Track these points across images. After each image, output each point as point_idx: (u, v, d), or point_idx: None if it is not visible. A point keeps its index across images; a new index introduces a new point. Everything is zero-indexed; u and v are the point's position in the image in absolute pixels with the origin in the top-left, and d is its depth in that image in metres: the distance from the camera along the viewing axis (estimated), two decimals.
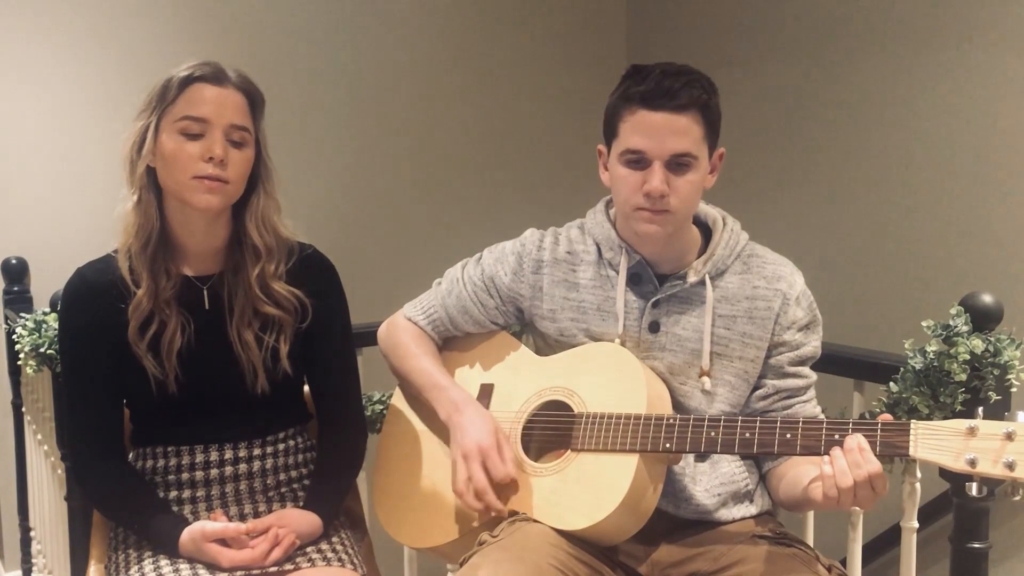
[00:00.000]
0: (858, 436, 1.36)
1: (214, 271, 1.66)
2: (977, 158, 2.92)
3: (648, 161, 1.53)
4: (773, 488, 1.64)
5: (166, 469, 1.65)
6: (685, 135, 1.52)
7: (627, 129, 1.54)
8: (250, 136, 1.60)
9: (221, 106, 1.56)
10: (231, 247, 1.67)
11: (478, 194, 3.84)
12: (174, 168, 1.55)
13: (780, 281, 1.62)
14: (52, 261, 2.93)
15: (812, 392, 1.66)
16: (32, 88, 3.02)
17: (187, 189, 1.55)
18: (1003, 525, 2.75)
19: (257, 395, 1.64)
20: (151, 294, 1.59)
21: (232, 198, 1.60)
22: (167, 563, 1.56)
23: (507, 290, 1.74)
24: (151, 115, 1.57)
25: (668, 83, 1.51)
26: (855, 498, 1.34)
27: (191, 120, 1.55)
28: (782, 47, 3.50)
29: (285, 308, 1.65)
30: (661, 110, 1.51)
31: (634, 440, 1.50)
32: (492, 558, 1.45)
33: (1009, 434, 1.25)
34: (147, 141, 1.57)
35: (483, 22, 3.83)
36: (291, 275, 1.67)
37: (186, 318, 1.62)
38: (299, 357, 1.69)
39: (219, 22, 3.28)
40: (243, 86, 1.60)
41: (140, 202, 1.59)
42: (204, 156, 1.54)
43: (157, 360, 1.60)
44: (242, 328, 1.63)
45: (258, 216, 1.64)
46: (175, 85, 1.56)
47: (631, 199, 1.56)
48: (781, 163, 3.54)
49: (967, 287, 1.83)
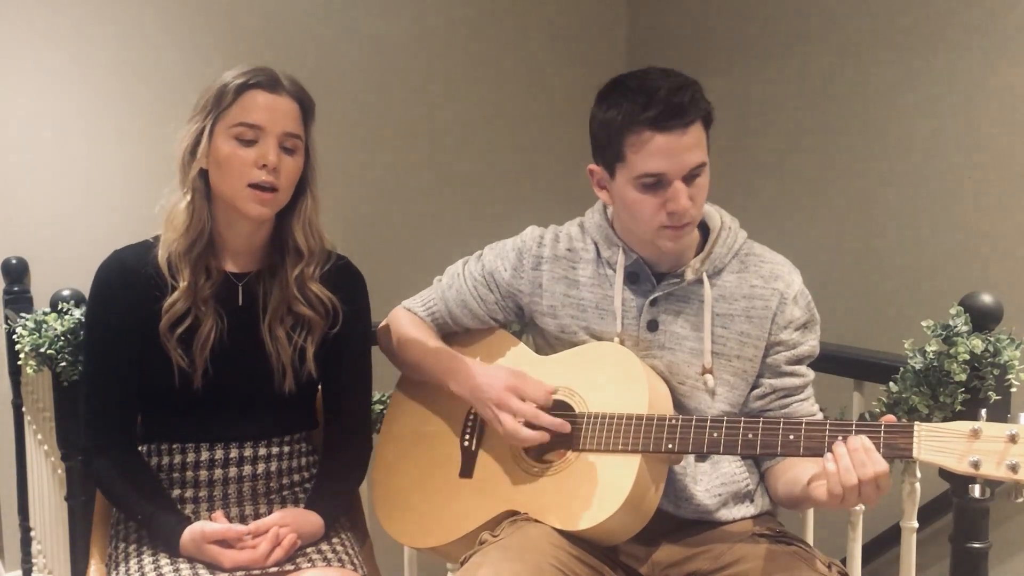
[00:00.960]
0: (862, 437, 1.36)
1: (251, 268, 1.68)
2: (977, 158, 2.92)
3: (668, 182, 1.51)
4: (772, 486, 1.64)
5: (171, 466, 1.66)
6: (698, 147, 1.52)
7: (640, 154, 1.51)
8: (301, 143, 1.62)
9: (275, 113, 1.58)
10: (271, 246, 1.69)
11: (479, 194, 3.85)
12: (228, 173, 1.57)
13: (777, 280, 1.62)
14: (52, 261, 2.94)
15: (810, 390, 1.66)
16: (33, 89, 3.02)
17: (239, 197, 1.58)
18: (1003, 525, 2.76)
19: (282, 394, 1.66)
20: (190, 292, 1.60)
21: (280, 205, 1.63)
22: (167, 561, 1.57)
23: (507, 285, 1.74)
24: (206, 118, 1.59)
25: (676, 101, 1.48)
26: (859, 496, 1.34)
27: (246, 127, 1.57)
28: (782, 46, 3.50)
29: (317, 310, 1.67)
30: (674, 131, 1.49)
31: (636, 440, 1.50)
32: (493, 557, 1.45)
33: (1012, 436, 1.26)
34: (201, 144, 1.58)
35: (483, 22, 3.84)
36: (325, 281, 1.69)
37: (220, 315, 1.63)
38: (322, 360, 1.70)
39: (224, 25, 3.29)
40: (296, 94, 1.62)
41: (192, 203, 1.61)
42: (258, 163, 1.56)
43: (187, 354, 1.61)
44: (275, 325, 1.65)
45: (305, 220, 1.66)
46: (231, 91, 1.58)
47: (653, 220, 1.54)
48: (780, 162, 3.54)
49: (967, 287, 1.83)
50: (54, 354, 1.90)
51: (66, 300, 1.96)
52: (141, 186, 3.13)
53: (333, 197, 2.64)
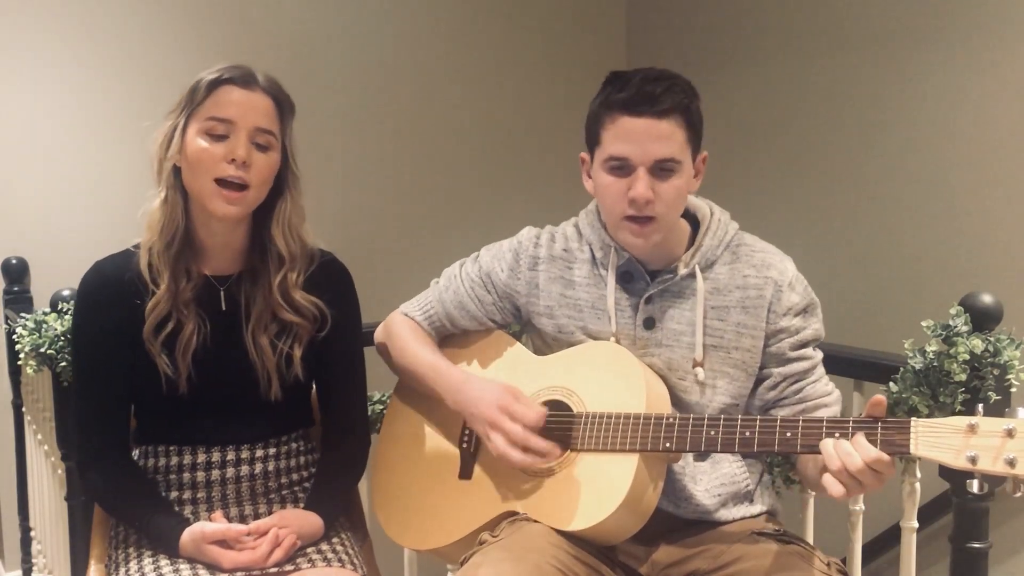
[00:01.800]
0: (858, 435, 1.35)
1: (232, 272, 1.67)
2: (977, 158, 2.92)
3: (632, 168, 1.53)
4: (803, 466, 1.61)
5: (167, 468, 1.65)
6: (668, 140, 1.52)
7: (609, 136, 1.54)
8: (276, 141, 1.61)
9: (247, 108, 1.57)
10: (251, 249, 1.67)
11: (477, 194, 3.84)
12: (197, 169, 1.56)
13: (770, 269, 1.62)
14: (52, 261, 2.94)
15: (821, 370, 1.63)
16: (33, 89, 3.02)
17: (207, 194, 1.56)
18: (1003, 525, 2.75)
19: (268, 400, 1.65)
20: (171, 294, 1.60)
21: (252, 205, 1.61)
22: (167, 562, 1.57)
23: (503, 286, 1.74)
24: (180, 115, 1.58)
25: (649, 88, 1.51)
26: (860, 485, 1.33)
27: (216, 121, 1.56)
28: (782, 46, 3.50)
29: (304, 316, 1.66)
30: (643, 116, 1.51)
31: (634, 439, 1.50)
32: (492, 557, 1.45)
33: (1009, 431, 1.25)
34: (174, 140, 1.58)
35: (482, 23, 3.83)
36: (310, 281, 1.68)
37: (202, 318, 1.62)
38: (311, 362, 1.69)
39: (221, 25, 3.28)
40: (271, 90, 1.61)
41: (166, 201, 1.60)
42: (227, 157, 1.55)
43: (171, 359, 1.60)
44: (258, 333, 1.64)
45: (284, 223, 1.64)
46: (204, 86, 1.57)
47: (616, 207, 1.56)
48: (780, 163, 3.54)
49: (967, 287, 1.83)
50: (54, 354, 1.91)
51: (66, 300, 1.96)
52: (141, 186, 3.11)
53: (328, 198, 2.64)
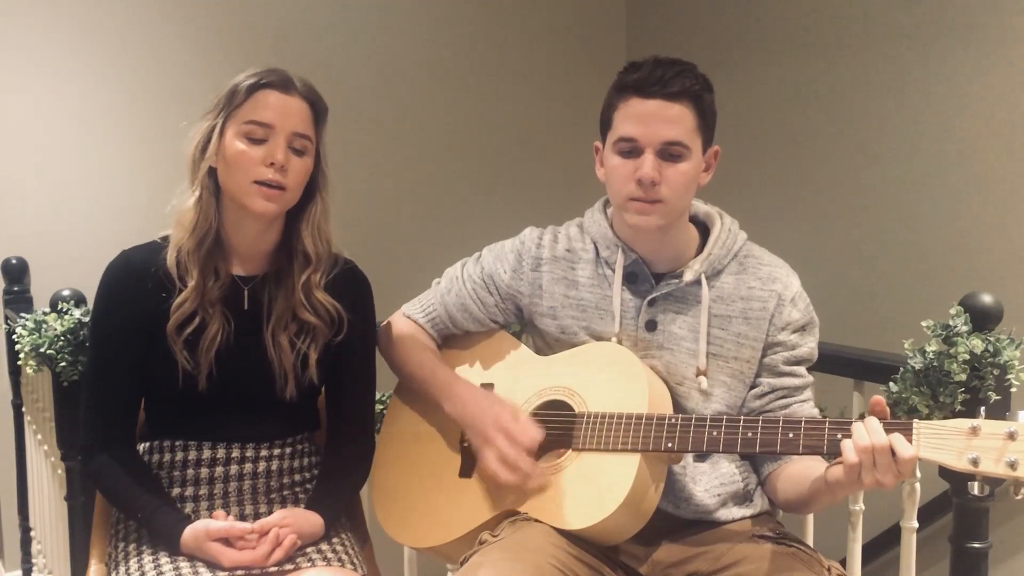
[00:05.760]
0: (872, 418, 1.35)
1: (257, 273, 1.68)
2: (977, 158, 2.92)
3: (640, 149, 1.54)
4: (773, 489, 1.63)
5: (172, 463, 1.66)
6: (677, 123, 1.53)
7: (620, 117, 1.56)
8: (311, 145, 1.63)
9: (286, 113, 1.59)
10: (279, 251, 1.69)
11: (478, 195, 3.85)
12: (236, 171, 1.58)
13: (775, 282, 1.63)
14: (52, 261, 2.94)
15: (809, 393, 1.65)
16: (33, 89, 3.02)
17: (246, 193, 1.58)
18: (1003, 525, 2.76)
19: (283, 399, 1.66)
20: (198, 293, 1.61)
21: (288, 205, 1.63)
22: (167, 560, 1.57)
23: (506, 288, 1.74)
24: (217, 116, 1.60)
25: (660, 71, 1.52)
26: (874, 467, 1.32)
27: (256, 125, 1.58)
28: (782, 47, 3.50)
29: (322, 318, 1.67)
30: (653, 97, 1.52)
31: (635, 440, 1.50)
32: (493, 557, 1.45)
33: (1011, 434, 1.26)
34: (212, 142, 1.59)
35: (483, 23, 3.84)
36: (330, 287, 1.69)
37: (227, 318, 1.64)
38: (326, 365, 1.71)
39: (227, 26, 3.29)
40: (308, 95, 1.63)
41: (200, 200, 1.61)
42: (266, 161, 1.57)
43: (192, 356, 1.61)
44: (278, 331, 1.65)
45: (314, 225, 1.67)
46: (243, 90, 1.59)
47: (623, 188, 1.56)
48: (781, 162, 3.54)
49: (967, 287, 1.83)
50: (54, 354, 1.91)
51: (66, 300, 1.96)
52: (142, 186, 3.14)
53: (335, 200, 2.63)
